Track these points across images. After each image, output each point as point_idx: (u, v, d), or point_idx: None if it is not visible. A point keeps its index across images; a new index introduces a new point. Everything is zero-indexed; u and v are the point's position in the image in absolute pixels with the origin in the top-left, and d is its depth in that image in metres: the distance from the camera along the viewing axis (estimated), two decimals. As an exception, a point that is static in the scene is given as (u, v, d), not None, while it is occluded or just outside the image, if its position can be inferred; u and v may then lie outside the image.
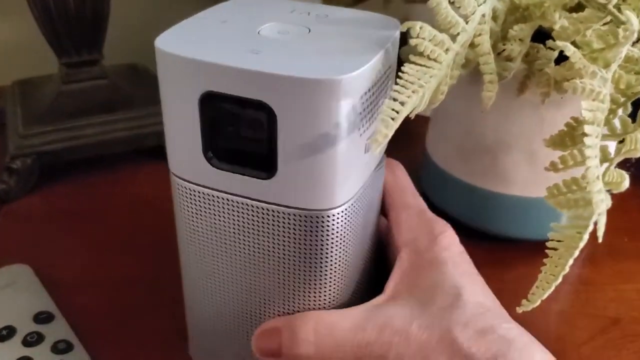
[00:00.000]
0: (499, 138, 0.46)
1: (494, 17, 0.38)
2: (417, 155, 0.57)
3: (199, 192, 0.31)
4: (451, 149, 0.50)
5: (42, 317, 0.42)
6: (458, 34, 0.33)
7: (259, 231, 0.31)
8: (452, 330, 0.30)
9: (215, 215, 0.31)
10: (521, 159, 0.46)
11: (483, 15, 0.35)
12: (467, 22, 0.33)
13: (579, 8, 0.38)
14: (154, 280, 0.34)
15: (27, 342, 0.39)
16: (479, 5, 0.34)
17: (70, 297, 0.45)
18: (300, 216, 0.30)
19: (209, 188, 0.30)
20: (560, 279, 0.32)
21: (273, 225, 0.31)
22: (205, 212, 0.31)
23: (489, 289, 0.33)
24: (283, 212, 0.30)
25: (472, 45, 0.35)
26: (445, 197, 0.53)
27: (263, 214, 0.30)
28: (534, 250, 0.35)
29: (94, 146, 0.59)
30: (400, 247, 0.35)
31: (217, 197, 0.30)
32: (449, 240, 0.34)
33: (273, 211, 0.30)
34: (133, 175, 0.46)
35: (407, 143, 0.61)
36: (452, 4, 0.33)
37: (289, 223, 0.30)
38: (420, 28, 0.30)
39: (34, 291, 0.45)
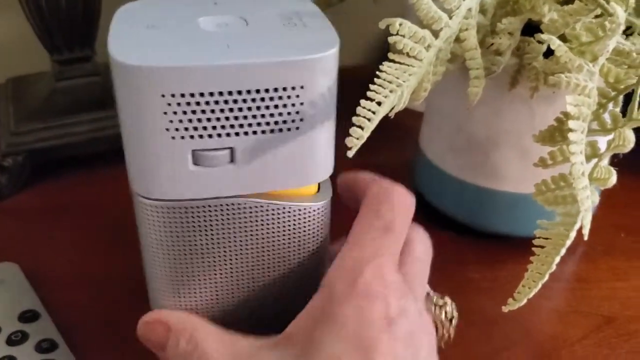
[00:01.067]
0: (490, 134, 0.46)
1: (483, 11, 0.38)
2: (410, 150, 0.56)
3: (182, 208, 0.30)
4: (444, 145, 0.50)
5: (27, 316, 0.41)
6: (441, 29, 0.32)
7: (244, 227, 0.31)
8: None
9: (197, 226, 0.30)
10: (512, 155, 0.46)
11: (469, 10, 0.34)
12: (451, 17, 0.33)
13: (569, 1, 0.38)
14: (142, 279, 0.33)
15: (11, 341, 0.39)
16: (464, 0, 0.34)
17: (57, 295, 0.45)
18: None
19: (194, 200, 0.29)
20: (546, 277, 0.32)
21: (257, 218, 0.31)
22: (186, 226, 0.30)
23: None
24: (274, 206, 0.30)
25: (458, 40, 0.35)
26: (438, 193, 0.52)
27: (252, 210, 0.30)
28: (526, 247, 0.34)
29: (85, 143, 0.59)
30: (321, 284, 0.30)
31: (205, 206, 0.30)
32: (368, 286, 0.28)
33: (261, 206, 0.30)
34: (123, 173, 0.45)
35: (401, 138, 0.61)
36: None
37: (273, 215, 0.30)
38: (400, 25, 0.30)
39: (20, 290, 0.44)
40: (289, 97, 0.27)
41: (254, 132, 0.27)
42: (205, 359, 0.29)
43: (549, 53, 0.37)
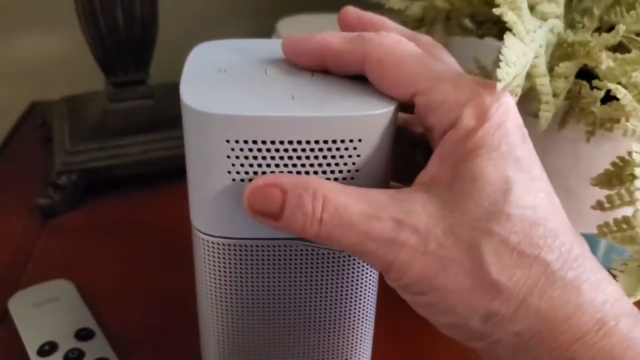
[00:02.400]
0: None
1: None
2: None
3: (238, 246, 0.30)
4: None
5: (83, 334, 0.42)
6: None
7: (299, 272, 0.31)
8: (483, 244, 0.24)
9: (253, 265, 0.31)
10: (558, 193, 0.46)
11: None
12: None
13: (619, 47, 0.38)
14: (193, 296, 0.34)
15: (68, 359, 0.40)
16: (534, 31, 0.34)
17: (111, 313, 0.46)
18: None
19: (251, 239, 0.30)
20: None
21: (313, 264, 0.31)
22: (242, 265, 0.31)
23: (551, 187, 0.27)
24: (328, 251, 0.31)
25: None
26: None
27: (306, 253, 0.31)
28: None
29: (137, 164, 0.60)
30: (439, 133, 0.27)
31: (260, 246, 0.30)
32: (503, 114, 0.26)
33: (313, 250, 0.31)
34: (175, 194, 0.46)
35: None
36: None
37: (330, 260, 0.31)
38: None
39: (75, 307, 0.45)
40: (346, 149, 0.28)
41: None
42: (343, 209, 0.25)
43: (603, 99, 0.38)
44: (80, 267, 0.51)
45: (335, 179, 0.28)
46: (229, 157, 0.27)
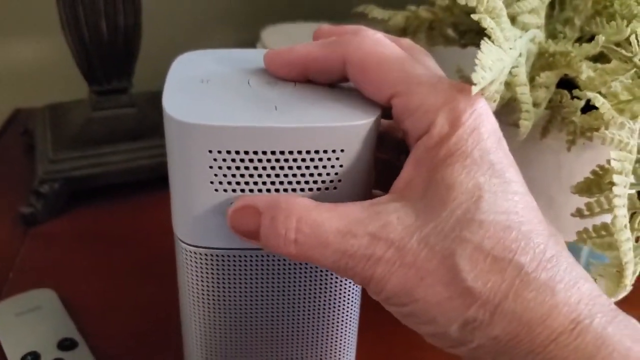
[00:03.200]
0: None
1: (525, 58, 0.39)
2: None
3: (221, 256, 0.30)
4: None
5: (66, 344, 0.42)
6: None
7: (282, 282, 0.32)
8: (457, 252, 0.24)
9: (235, 275, 0.31)
10: (539, 203, 0.46)
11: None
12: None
13: (600, 57, 0.39)
14: (177, 306, 0.34)
15: (51, 369, 0.40)
16: (515, 40, 0.35)
17: (94, 322, 0.46)
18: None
19: (233, 249, 0.30)
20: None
21: (296, 274, 0.31)
22: (225, 275, 0.31)
23: (527, 189, 0.27)
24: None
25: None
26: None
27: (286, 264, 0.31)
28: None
29: (120, 173, 0.60)
30: (414, 138, 0.27)
31: (243, 256, 0.31)
32: (477, 118, 0.26)
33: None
34: (157, 203, 0.46)
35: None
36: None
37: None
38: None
39: (58, 317, 0.45)
40: (329, 159, 0.28)
41: (293, 190, 0.28)
42: (317, 229, 0.25)
43: (584, 109, 0.38)
44: (62, 276, 0.51)
45: (318, 189, 0.28)
46: (211, 167, 0.27)
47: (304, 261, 0.27)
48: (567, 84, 0.40)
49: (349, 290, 0.33)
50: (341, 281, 0.32)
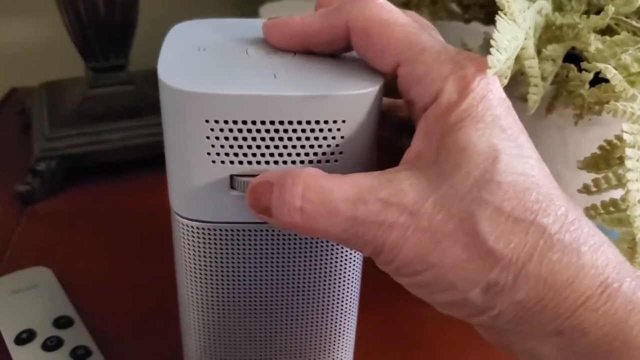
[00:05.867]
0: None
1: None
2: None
3: (218, 230, 0.30)
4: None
5: (62, 322, 0.42)
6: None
7: (280, 257, 0.31)
8: (477, 213, 0.23)
9: (232, 250, 0.30)
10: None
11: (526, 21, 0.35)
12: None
13: (607, 31, 0.38)
14: (174, 285, 0.33)
15: (46, 347, 0.39)
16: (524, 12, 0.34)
17: (90, 301, 0.45)
18: None
19: (230, 223, 0.29)
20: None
21: (295, 248, 0.31)
22: (221, 249, 0.30)
23: (539, 156, 0.26)
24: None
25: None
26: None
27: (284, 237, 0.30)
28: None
29: (118, 151, 0.59)
30: (421, 107, 0.26)
31: (240, 230, 0.30)
32: (486, 86, 0.25)
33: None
34: (156, 181, 0.46)
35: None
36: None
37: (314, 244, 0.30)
38: None
39: (54, 295, 0.45)
40: (330, 130, 0.27)
41: (293, 162, 0.27)
42: (326, 197, 0.25)
43: (593, 82, 0.37)
44: (59, 255, 0.50)
45: (319, 162, 0.28)
46: (208, 137, 0.26)
47: (310, 234, 0.26)
48: (573, 58, 0.39)
49: (349, 266, 0.32)
50: (341, 257, 0.31)
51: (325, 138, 0.27)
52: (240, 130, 0.26)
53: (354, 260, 0.32)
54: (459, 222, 0.23)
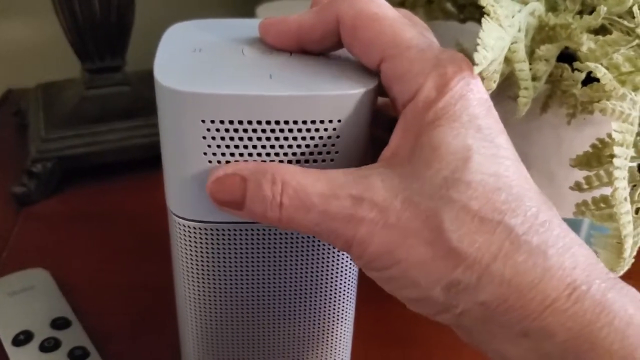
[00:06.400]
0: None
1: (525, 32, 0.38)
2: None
3: (215, 230, 0.30)
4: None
5: (59, 323, 0.42)
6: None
7: (276, 256, 0.31)
8: (443, 212, 0.23)
9: (229, 250, 0.30)
10: (539, 178, 0.46)
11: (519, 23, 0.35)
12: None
13: (600, 31, 0.38)
14: (171, 285, 0.34)
15: (44, 348, 0.40)
16: (512, 16, 0.34)
17: (87, 302, 0.45)
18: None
19: (227, 223, 0.30)
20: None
21: (292, 247, 0.31)
22: (218, 249, 0.30)
23: (518, 157, 0.26)
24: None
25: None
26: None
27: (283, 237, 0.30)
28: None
29: (114, 152, 0.59)
30: (401, 105, 0.26)
31: (237, 230, 0.30)
32: (466, 85, 0.25)
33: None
34: (152, 182, 0.46)
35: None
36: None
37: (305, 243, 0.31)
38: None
39: (51, 296, 0.45)
40: (325, 129, 0.27)
41: (289, 162, 0.28)
42: (302, 192, 0.25)
43: (584, 81, 0.37)
44: (56, 256, 0.50)
45: (314, 161, 0.28)
46: (204, 138, 0.27)
47: (287, 228, 0.26)
48: (567, 58, 0.39)
49: (346, 266, 0.32)
50: (338, 256, 0.32)
51: (320, 137, 0.27)
52: (236, 130, 0.27)
53: (351, 260, 0.32)
54: (425, 219, 0.24)
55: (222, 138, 0.27)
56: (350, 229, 0.25)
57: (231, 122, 0.26)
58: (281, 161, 0.27)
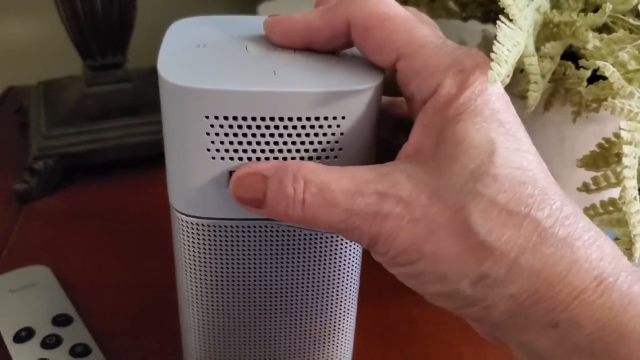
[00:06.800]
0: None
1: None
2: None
3: (217, 227, 0.30)
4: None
5: (61, 320, 0.42)
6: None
7: (279, 253, 0.31)
8: (470, 206, 0.23)
9: (231, 246, 0.30)
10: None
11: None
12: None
13: (604, 29, 0.38)
14: (172, 283, 0.34)
15: (45, 345, 0.39)
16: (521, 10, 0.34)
17: (89, 299, 0.45)
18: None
19: (230, 219, 0.29)
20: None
21: (294, 244, 0.31)
22: (221, 246, 0.30)
23: (537, 151, 0.26)
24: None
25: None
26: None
27: (285, 234, 0.30)
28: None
29: (115, 149, 0.59)
30: (420, 101, 0.26)
31: (240, 227, 0.30)
32: (485, 81, 0.25)
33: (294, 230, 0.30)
34: (154, 179, 0.46)
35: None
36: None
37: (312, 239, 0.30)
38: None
39: (52, 293, 0.45)
40: (329, 126, 0.27)
41: (293, 159, 0.27)
42: (326, 189, 0.25)
43: (590, 79, 0.37)
44: (57, 253, 0.50)
45: (318, 158, 0.28)
46: (208, 134, 0.27)
47: (309, 226, 0.26)
48: (571, 56, 0.39)
49: (349, 264, 0.32)
50: (341, 254, 0.31)
51: (325, 134, 0.27)
52: (240, 127, 0.26)
53: (354, 258, 0.32)
54: (453, 213, 0.24)
55: (226, 134, 0.27)
56: (376, 225, 0.25)
57: (235, 118, 0.26)
58: (285, 158, 0.27)
